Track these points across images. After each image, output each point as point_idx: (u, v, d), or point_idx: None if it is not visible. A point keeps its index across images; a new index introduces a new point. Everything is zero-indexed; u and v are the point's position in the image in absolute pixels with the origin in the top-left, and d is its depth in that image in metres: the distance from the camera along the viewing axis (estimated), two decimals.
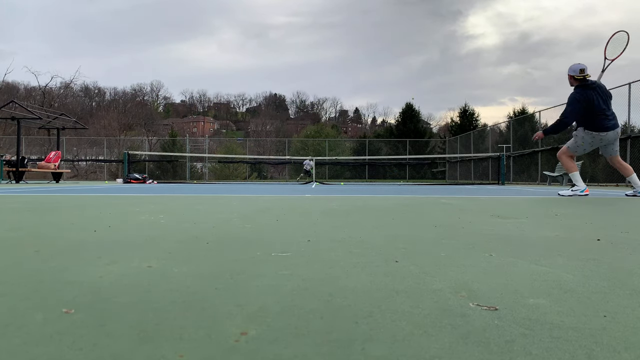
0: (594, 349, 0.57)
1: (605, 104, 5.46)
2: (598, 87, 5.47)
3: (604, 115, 5.44)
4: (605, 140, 5.50)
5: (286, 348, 0.56)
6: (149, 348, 0.56)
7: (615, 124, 5.49)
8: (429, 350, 0.56)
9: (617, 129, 5.50)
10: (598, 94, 5.41)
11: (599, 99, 5.40)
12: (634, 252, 1.33)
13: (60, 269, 1.04)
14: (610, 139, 5.50)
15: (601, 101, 5.42)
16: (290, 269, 1.05)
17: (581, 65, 5.50)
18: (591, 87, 5.42)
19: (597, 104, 5.41)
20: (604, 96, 5.45)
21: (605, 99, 5.47)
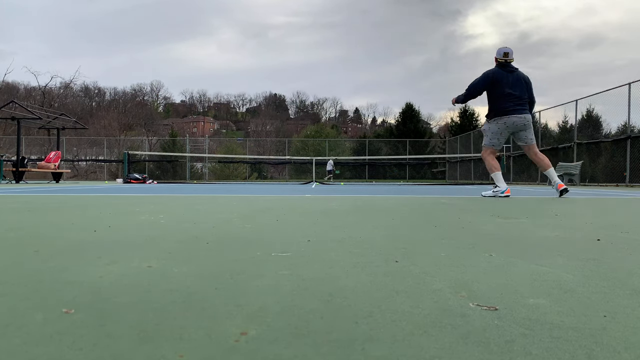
0: (594, 349, 0.57)
1: (517, 90, 5.30)
2: (517, 74, 5.35)
3: (508, 99, 5.29)
4: (511, 125, 5.34)
5: (286, 348, 0.56)
6: (148, 348, 0.56)
7: (522, 110, 5.31)
8: (429, 350, 0.56)
9: (524, 114, 5.30)
10: (511, 79, 5.30)
11: (510, 83, 5.28)
12: (634, 252, 1.33)
13: (60, 269, 1.04)
14: (517, 125, 5.32)
15: (511, 86, 5.28)
16: (290, 269, 1.05)
17: (506, 49, 5.39)
18: (507, 70, 5.33)
19: (504, 86, 5.28)
20: (518, 83, 5.31)
21: (520, 87, 5.32)
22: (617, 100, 13.34)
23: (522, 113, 5.31)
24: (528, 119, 5.33)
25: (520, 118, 5.30)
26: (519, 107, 5.30)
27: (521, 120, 5.31)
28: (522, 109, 5.32)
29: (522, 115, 5.30)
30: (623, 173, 12.93)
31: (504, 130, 5.40)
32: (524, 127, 5.35)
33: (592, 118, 16.13)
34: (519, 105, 5.31)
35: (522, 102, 5.33)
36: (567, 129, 17.29)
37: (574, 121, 16.08)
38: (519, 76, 5.36)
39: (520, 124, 5.33)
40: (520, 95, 5.32)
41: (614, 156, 13.94)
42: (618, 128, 15.00)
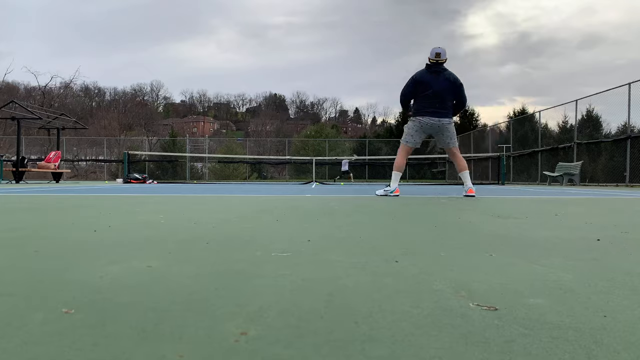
0: (594, 349, 0.57)
1: (439, 92, 5.21)
2: (444, 75, 5.24)
3: (431, 102, 5.23)
4: (426, 127, 5.31)
5: (286, 348, 0.56)
6: (148, 348, 0.56)
7: (439, 113, 5.24)
8: (428, 350, 0.56)
9: (441, 118, 5.25)
10: (436, 81, 5.20)
11: (433, 84, 5.19)
12: (633, 252, 1.33)
13: (59, 269, 1.04)
14: (433, 127, 5.30)
15: (434, 87, 5.19)
16: (291, 269, 1.05)
17: (438, 49, 5.27)
18: (435, 72, 5.23)
19: (427, 87, 5.20)
20: (442, 85, 5.21)
21: (444, 89, 5.22)
22: (617, 100, 13.35)
23: (439, 117, 5.26)
24: (445, 122, 5.29)
25: (436, 121, 5.27)
26: (437, 110, 5.25)
27: (436, 123, 5.28)
28: (440, 112, 5.26)
29: (438, 118, 5.26)
30: (623, 173, 12.93)
31: (419, 130, 5.36)
32: (440, 130, 5.34)
33: (592, 118, 16.12)
34: (439, 108, 5.25)
35: (443, 105, 5.27)
36: (567, 129, 17.28)
37: (574, 121, 16.09)
38: (446, 77, 5.25)
39: (436, 127, 5.31)
40: (443, 97, 5.25)
41: (614, 156, 13.93)
42: (618, 128, 15.00)
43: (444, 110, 5.28)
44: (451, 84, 5.27)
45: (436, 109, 5.25)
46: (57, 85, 48.94)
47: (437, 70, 5.25)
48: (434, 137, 5.60)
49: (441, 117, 5.28)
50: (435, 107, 5.24)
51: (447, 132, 5.35)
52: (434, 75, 5.23)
